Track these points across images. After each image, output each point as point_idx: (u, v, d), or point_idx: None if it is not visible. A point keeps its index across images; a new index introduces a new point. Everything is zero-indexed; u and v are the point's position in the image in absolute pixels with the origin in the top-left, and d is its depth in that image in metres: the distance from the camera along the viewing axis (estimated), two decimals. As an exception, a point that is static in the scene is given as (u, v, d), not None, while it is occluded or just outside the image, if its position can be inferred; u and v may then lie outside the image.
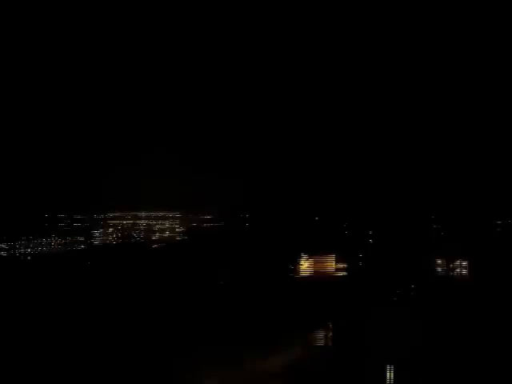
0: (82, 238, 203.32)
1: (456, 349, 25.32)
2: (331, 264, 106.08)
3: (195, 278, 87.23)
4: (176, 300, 60.30)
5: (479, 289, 59.09)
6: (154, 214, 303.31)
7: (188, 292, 70.28)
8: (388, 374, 25.01)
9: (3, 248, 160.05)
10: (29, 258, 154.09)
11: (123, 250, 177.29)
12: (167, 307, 54.14)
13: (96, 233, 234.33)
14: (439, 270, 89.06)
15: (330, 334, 36.41)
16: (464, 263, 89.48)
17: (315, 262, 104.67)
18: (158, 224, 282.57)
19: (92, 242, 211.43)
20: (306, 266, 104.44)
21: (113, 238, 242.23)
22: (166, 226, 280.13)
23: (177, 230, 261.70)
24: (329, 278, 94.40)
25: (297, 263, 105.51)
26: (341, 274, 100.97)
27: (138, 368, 31.45)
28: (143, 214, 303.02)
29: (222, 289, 76.63)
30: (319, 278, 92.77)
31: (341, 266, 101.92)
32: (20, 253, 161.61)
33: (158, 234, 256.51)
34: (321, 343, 34.54)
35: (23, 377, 34.07)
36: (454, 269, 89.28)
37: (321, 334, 37.05)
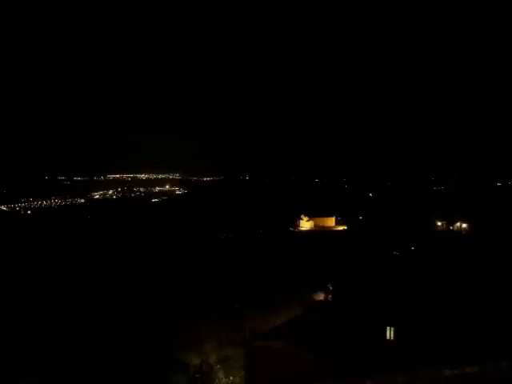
0: (82, 200, 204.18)
1: (457, 308, 25.37)
2: (331, 223, 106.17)
3: (195, 232, 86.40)
4: (174, 256, 59.64)
5: (479, 247, 59.07)
6: (154, 175, 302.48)
7: (187, 247, 69.53)
8: (388, 334, 25.18)
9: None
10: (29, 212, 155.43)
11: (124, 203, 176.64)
12: (163, 264, 53.59)
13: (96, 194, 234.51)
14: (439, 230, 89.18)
15: (330, 295, 36.51)
16: (464, 225, 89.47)
17: (315, 221, 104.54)
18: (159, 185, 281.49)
19: (92, 196, 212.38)
20: (305, 223, 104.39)
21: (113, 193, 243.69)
22: (167, 187, 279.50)
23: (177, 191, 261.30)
24: (327, 232, 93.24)
25: (296, 221, 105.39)
26: (340, 228, 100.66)
27: (135, 325, 31.57)
28: (143, 176, 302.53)
29: (222, 244, 75.74)
30: (318, 233, 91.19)
31: (340, 227, 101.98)
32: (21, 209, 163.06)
33: (158, 188, 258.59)
34: (320, 304, 34.69)
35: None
36: (454, 229, 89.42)
37: (320, 295, 37.16)
